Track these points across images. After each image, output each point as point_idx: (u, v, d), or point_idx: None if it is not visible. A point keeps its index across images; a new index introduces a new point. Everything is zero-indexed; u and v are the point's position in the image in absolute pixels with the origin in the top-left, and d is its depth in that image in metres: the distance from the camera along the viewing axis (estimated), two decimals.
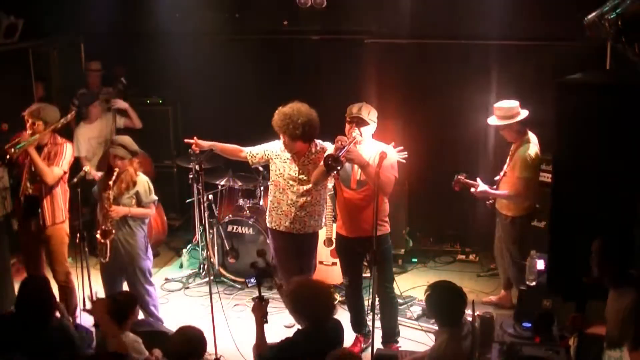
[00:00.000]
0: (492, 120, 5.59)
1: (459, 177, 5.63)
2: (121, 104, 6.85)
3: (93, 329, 4.84)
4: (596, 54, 5.49)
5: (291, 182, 5.26)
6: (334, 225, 5.34)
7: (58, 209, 5.43)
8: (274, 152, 5.33)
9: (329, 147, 5.22)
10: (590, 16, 4.19)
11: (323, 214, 5.45)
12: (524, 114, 5.46)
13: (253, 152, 5.40)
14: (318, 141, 5.31)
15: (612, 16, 3.81)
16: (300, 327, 4.05)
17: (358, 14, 6.84)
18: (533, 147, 5.45)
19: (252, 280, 4.17)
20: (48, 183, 5.27)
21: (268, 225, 5.47)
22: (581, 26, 4.33)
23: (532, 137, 5.53)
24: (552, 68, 5.93)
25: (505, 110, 5.46)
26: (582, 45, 5.31)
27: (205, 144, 5.29)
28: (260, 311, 4.05)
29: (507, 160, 5.63)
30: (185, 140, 5.40)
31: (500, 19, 6.09)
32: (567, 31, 5.46)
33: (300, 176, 5.25)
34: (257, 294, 4.16)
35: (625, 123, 3.60)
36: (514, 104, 5.47)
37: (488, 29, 6.20)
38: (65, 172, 5.39)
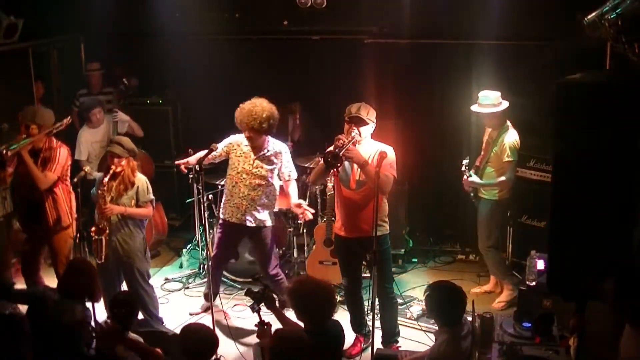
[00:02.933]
0: (480, 108, 5.80)
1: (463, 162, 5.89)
2: (123, 116, 6.87)
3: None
4: (596, 54, 5.49)
5: (244, 176, 5.43)
6: (335, 225, 5.34)
7: (63, 213, 5.41)
8: (233, 145, 5.52)
9: (285, 148, 5.49)
10: (590, 16, 4.18)
11: (272, 209, 5.65)
12: (506, 103, 5.79)
13: (215, 153, 5.53)
14: (276, 140, 5.51)
15: (612, 16, 3.80)
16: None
17: (358, 14, 6.83)
18: (514, 132, 5.77)
19: (256, 306, 4.18)
20: (41, 188, 5.25)
21: (221, 216, 5.67)
22: (581, 26, 4.33)
23: (509, 124, 5.84)
24: (552, 68, 5.93)
25: (493, 99, 5.75)
26: (582, 45, 5.30)
27: (192, 159, 5.51)
28: (266, 336, 4.04)
29: (485, 147, 5.87)
30: (176, 162, 5.63)
31: (501, 19, 6.08)
32: (567, 31, 5.46)
33: (254, 170, 5.43)
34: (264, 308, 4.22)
35: (625, 123, 3.59)
36: (497, 93, 5.79)
37: (488, 29, 6.20)
38: (60, 177, 5.37)
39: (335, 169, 4.86)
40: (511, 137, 5.75)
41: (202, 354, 3.83)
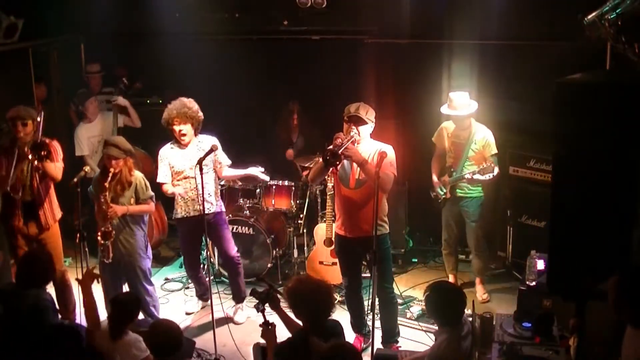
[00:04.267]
0: (457, 111, 5.81)
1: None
2: (122, 101, 6.86)
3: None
4: (596, 54, 5.49)
5: (188, 171, 5.52)
6: (334, 225, 5.35)
7: (55, 206, 5.48)
8: (168, 157, 5.59)
9: (215, 139, 5.59)
10: (590, 16, 4.19)
11: (218, 194, 5.79)
12: (474, 102, 5.89)
13: (168, 176, 5.61)
14: (203, 135, 5.68)
15: (612, 16, 3.81)
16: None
17: (358, 14, 6.84)
18: (484, 126, 5.85)
19: (260, 306, 4.20)
20: (57, 180, 5.34)
21: (177, 217, 5.72)
22: (581, 26, 4.33)
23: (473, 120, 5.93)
24: (552, 68, 5.94)
25: (466, 99, 5.83)
26: (582, 45, 5.31)
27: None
28: (270, 336, 4.05)
29: (455, 147, 5.92)
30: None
31: (500, 19, 6.09)
32: (567, 31, 5.46)
33: (194, 162, 5.43)
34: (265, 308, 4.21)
35: (625, 123, 3.59)
36: (467, 93, 5.88)
37: (488, 29, 6.20)
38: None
39: (334, 167, 4.86)
40: (487, 130, 5.84)
41: (167, 350, 3.89)
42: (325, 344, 3.68)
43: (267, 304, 4.22)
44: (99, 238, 5.14)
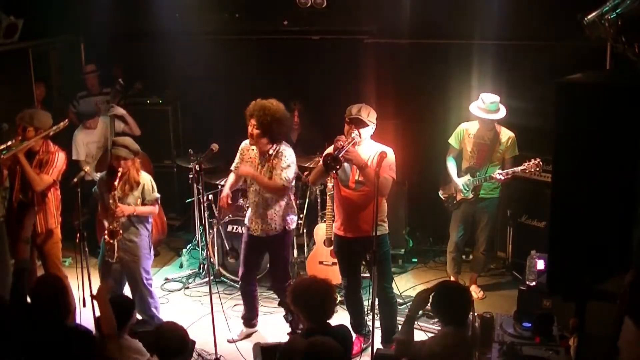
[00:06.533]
0: (491, 114, 5.82)
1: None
2: (119, 110, 6.85)
3: (93, 330, 4.85)
4: (596, 54, 5.49)
5: (250, 181, 5.30)
6: (334, 225, 5.35)
7: (50, 216, 5.42)
8: (242, 151, 5.38)
9: (288, 152, 5.17)
10: (590, 16, 4.19)
11: (291, 212, 5.36)
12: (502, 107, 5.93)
13: (235, 166, 5.45)
14: (284, 145, 5.24)
15: (612, 16, 3.81)
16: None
17: (358, 14, 6.84)
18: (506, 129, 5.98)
19: (289, 316, 4.18)
20: (36, 191, 5.24)
21: (245, 224, 5.51)
22: (581, 26, 4.33)
23: None
24: (552, 68, 5.95)
25: (498, 102, 5.85)
26: (582, 45, 5.32)
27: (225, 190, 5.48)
28: None
29: (480, 147, 5.93)
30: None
31: (500, 19, 6.09)
32: (567, 31, 5.47)
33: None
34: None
35: (625, 123, 3.59)
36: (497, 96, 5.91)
37: (488, 29, 6.21)
38: (55, 180, 5.36)
39: (334, 172, 4.86)
40: (510, 132, 5.92)
41: (173, 352, 3.82)
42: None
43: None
44: (106, 237, 5.15)
